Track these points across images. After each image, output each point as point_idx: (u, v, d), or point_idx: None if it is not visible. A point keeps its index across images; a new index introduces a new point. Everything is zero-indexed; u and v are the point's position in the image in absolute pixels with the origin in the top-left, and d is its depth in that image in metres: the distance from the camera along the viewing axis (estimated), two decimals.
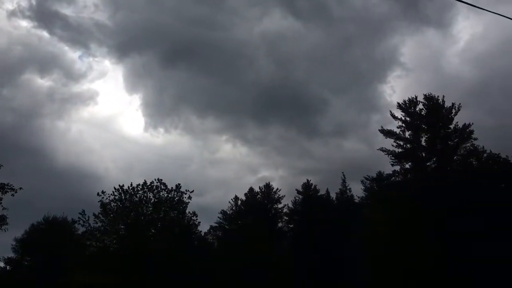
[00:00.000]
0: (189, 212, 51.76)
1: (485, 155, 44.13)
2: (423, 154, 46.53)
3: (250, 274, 49.54)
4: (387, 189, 47.41)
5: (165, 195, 51.16)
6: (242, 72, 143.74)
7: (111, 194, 49.53)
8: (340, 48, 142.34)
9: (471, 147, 43.83)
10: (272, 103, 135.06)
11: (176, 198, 51.23)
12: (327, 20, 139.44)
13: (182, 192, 51.28)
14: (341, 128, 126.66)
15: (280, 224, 67.04)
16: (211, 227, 69.00)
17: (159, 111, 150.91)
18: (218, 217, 68.85)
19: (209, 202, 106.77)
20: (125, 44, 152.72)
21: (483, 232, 35.20)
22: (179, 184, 51.88)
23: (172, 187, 51.46)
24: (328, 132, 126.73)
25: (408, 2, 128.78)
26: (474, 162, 44.00)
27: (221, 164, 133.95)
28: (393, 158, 46.49)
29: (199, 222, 52.07)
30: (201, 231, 55.64)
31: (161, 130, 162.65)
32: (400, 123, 47.12)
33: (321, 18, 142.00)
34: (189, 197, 51.24)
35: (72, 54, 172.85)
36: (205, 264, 50.12)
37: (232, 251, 54.63)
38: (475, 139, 43.98)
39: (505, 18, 7.92)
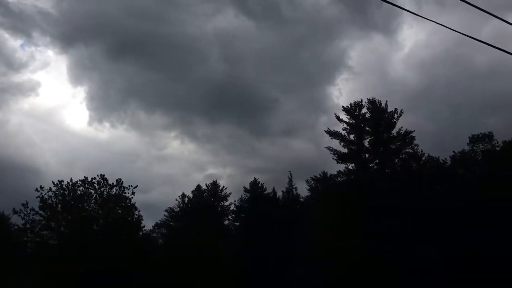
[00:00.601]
0: (135, 208, 50.37)
1: (423, 158, 46.24)
2: (366, 156, 48.12)
3: (196, 271, 49.08)
4: (330, 189, 48.44)
5: (107, 191, 49.50)
6: (192, 68, 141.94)
7: (49, 190, 47.21)
8: (291, 49, 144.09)
9: (411, 151, 45.68)
10: (222, 100, 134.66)
11: (116, 193, 49.51)
12: (278, 21, 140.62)
13: (125, 188, 49.78)
14: (290, 128, 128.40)
15: (226, 222, 67.09)
16: (156, 223, 67.95)
17: (104, 105, 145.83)
18: (165, 215, 68.00)
19: (155, 199, 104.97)
20: (70, 34, 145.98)
21: (418, 232, 36.87)
22: (120, 179, 50.37)
23: (113, 183, 49.79)
24: (276, 132, 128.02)
25: (357, 8, 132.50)
26: (413, 165, 45.92)
27: (169, 161, 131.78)
28: (338, 157, 47.71)
29: (141, 216, 50.83)
30: (144, 227, 54.32)
31: (107, 124, 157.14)
32: (345, 126, 48.49)
33: (273, 18, 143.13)
34: (133, 193, 49.87)
35: (13, 43, 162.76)
36: (149, 263, 49.21)
37: (178, 248, 53.89)
38: (416, 145, 46.01)
39: (446, 28, 8.14)
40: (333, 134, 48.92)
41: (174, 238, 59.45)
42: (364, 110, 48.47)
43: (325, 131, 49.86)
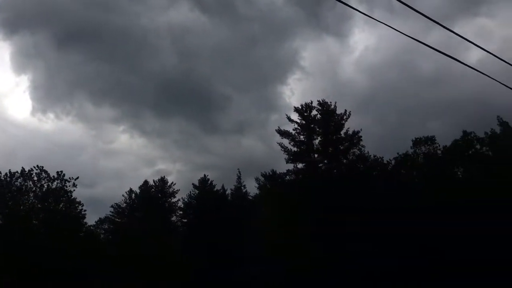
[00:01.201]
0: (77, 203, 48.52)
1: (370, 159, 47.77)
2: (315, 156, 49.02)
3: (141, 268, 47.95)
4: (279, 187, 48.90)
5: (48, 184, 47.41)
6: (144, 61, 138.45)
7: None
8: (245, 46, 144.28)
9: (358, 152, 47.06)
10: (174, 95, 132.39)
11: (57, 186, 47.54)
12: (233, 17, 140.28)
13: (66, 180, 47.85)
14: (241, 126, 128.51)
15: (173, 219, 66.10)
16: (100, 219, 65.78)
17: (49, 95, 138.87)
18: (110, 210, 65.98)
19: (101, 194, 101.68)
20: (14, 20, 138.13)
21: (362, 232, 38.05)
22: (62, 171, 48.39)
23: (53, 176, 47.70)
24: (228, 129, 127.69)
25: (311, 10, 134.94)
26: (360, 166, 47.31)
27: (116, 155, 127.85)
28: (288, 156, 48.26)
29: (85, 210, 49.11)
30: (86, 222, 52.41)
31: (51, 115, 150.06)
32: (296, 126, 49.12)
33: (228, 15, 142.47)
34: (74, 185, 48.04)
35: None
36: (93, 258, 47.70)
37: (122, 244, 52.40)
38: (363, 146, 47.41)
39: (395, 33, 8.33)
40: (283, 134, 49.42)
41: (119, 234, 57.71)
42: (314, 112, 49.37)
43: (276, 130, 50.31)
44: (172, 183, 66.58)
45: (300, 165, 48.88)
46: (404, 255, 36.64)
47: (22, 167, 47.28)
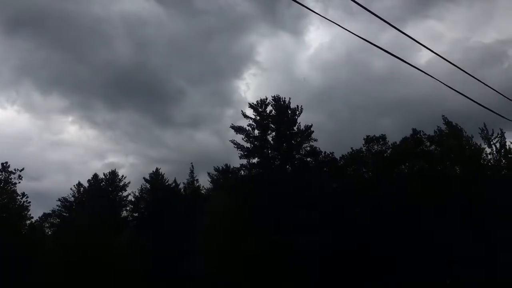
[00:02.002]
0: (19, 195, 46.39)
1: (322, 155, 48.67)
2: (269, 152, 49.39)
3: (90, 264, 46.47)
4: (232, 182, 48.96)
5: None
6: (95, 50, 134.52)
7: None
8: (200, 39, 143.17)
9: (309, 148, 47.84)
10: (127, 86, 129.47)
11: (3, 180, 45.34)
12: (189, 10, 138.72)
13: (11, 172, 45.68)
14: (195, 119, 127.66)
15: (124, 213, 64.73)
16: (44, 214, 63.42)
17: None
18: (57, 204, 63.70)
19: (48, 187, 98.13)
20: None
21: (316, 225, 38.77)
22: (6, 162, 46.14)
23: None
24: (182, 122, 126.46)
25: (268, 7, 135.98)
26: (311, 162, 48.15)
27: (65, 147, 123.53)
28: (242, 152, 48.34)
29: (29, 203, 47.02)
30: (30, 215, 50.13)
31: None
32: (250, 122, 49.31)
33: (184, 7, 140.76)
34: (19, 177, 45.96)
35: None
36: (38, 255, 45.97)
37: (69, 239, 50.59)
38: (315, 140, 48.22)
39: (348, 33, 8.56)
40: (238, 130, 49.35)
41: (66, 229, 55.76)
42: (269, 107, 49.71)
43: (230, 126, 50.21)
44: (122, 176, 65.20)
45: (254, 160, 49.21)
46: (350, 248, 37.74)
47: None
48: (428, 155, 43.90)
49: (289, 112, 49.19)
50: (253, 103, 50.00)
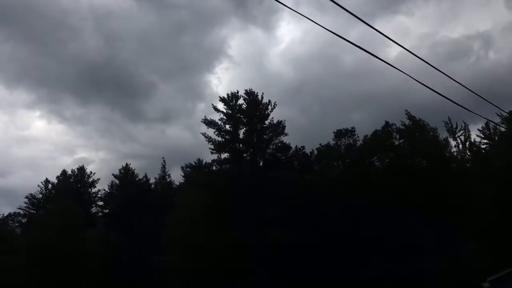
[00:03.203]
0: None
1: (292, 149, 49.02)
2: (241, 146, 49.34)
3: (60, 262, 45.43)
4: (202, 177, 48.76)
5: None
6: (63, 43, 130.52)
7: None
8: (171, 33, 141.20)
9: (279, 143, 48.08)
10: (96, 80, 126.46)
11: None
12: (159, 3, 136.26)
13: None
14: (167, 114, 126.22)
15: (94, 209, 63.59)
16: (13, 213, 61.64)
17: None
18: (25, 202, 62.00)
19: (14, 184, 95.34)
20: None
21: (285, 219, 39.09)
22: None
23: None
24: (153, 117, 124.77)
25: (239, 1, 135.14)
26: (281, 157, 48.42)
27: (32, 143, 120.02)
28: (213, 146, 48.15)
29: None
30: None
31: None
32: (222, 116, 49.08)
33: (155, 0, 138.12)
34: None
35: None
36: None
37: (39, 238, 49.28)
38: (286, 134, 48.49)
39: (319, 28, 8.55)
40: (209, 123, 49.05)
41: (34, 227, 54.33)
42: (240, 101, 49.59)
43: (201, 120, 49.83)
44: (91, 172, 63.91)
45: (225, 155, 49.06)
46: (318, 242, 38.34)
47: None
48: (398, 149, 44.85)
49: (261, 106, 49.21)
50: (224, 97, 49.80)
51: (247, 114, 49.20)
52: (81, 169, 63.12)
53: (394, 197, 37.39)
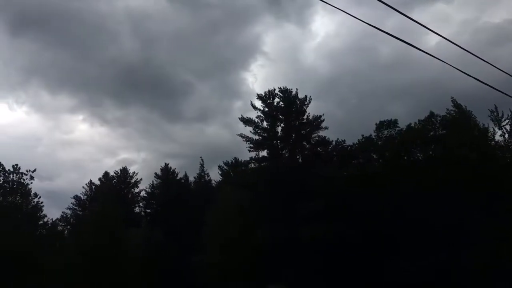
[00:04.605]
0: (31, 196, 46.72)
1: (333, 144, 48.25)
2: (278, 143, 49.16)
3: (104, 262, 46.74)
4: (241, 174, 48.85)
5: (2, 177, 45.44)
6: (102, 47, 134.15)
7: None
8: (206, 32, 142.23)
9: (318, 138, 47.48)
10: (134, 82, 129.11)
11: (16, 181, 45.65)
12: (193, 3, 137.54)
13: (23, 173, 46.02)
14: (204, 113, 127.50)
15: (137, 209, 65.09)
16: (61, 215, 63.87)
17: (2, 85, 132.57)
18: (72, 203, 64.31)
19: (61, 187, 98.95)
20: None
21: (324, 215, 38.52)
22: (17, 164, 46.51)
23: (9, 169, 45.81)
24: (190, 117, 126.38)
25: None
26: (321, 151, 47.80)
27: (76, 146, 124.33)
28: (250, 145, 48.18)
29: (42, 203, 47.33)
30: (45, 216, 50.40)
31: (4, 106, 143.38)
32: (259, 113, 49.04)
33: (188, 0, 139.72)
34: (31, 178, 46.27)
35: None
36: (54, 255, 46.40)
37: (84, 239, 50.92)
38: (326, 128, 47.84)
39: (355, 19, 8.37)
40: (246, 122, 49.09)
41: (78, 228, 56.22)
42: (277, 98, 49.32)
43: (238, 118, 49.97)
44: (134, 173, 65.39)
45: (263, 153, 49.01)
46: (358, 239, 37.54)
47: None
48: (441, 139, 43.09)
49: (298, 102, 48.81)
50: (261, 94, 49.68)
51: (284, 110, 48.94)
52: (124, 170, 64.84)
53: (438, 190, 36.04)
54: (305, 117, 48.30)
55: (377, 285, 35.70)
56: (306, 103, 48.61)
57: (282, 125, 49.10)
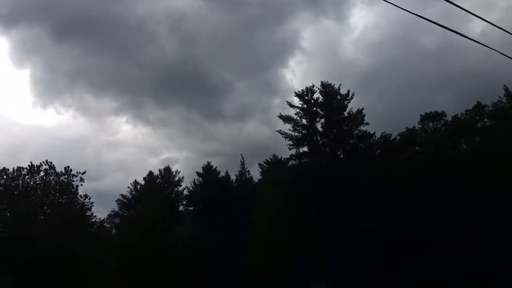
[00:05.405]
0: (80, 196, 48.54)
1: (375, 138, 47.30)
2: (319, 139, 48.73)
3: (150, 259, 48.00)
4: (281, 172, 48.76)
5: (54, 179, 47.44)
6: (142, 49, 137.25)
7: None
8: (243, 30, 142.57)
9: (359, 133, 46.70)
10: (174, 83, 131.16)
11: (66, 183, 47.58)
12: (229, 1, 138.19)
13: (73, 175, 47.87)
14: (243, 111, 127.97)
15: (181, 208, 66.31)
16: (108, 214, 65.92)
17: (49, 90, 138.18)
18: (117, 201, 66.30)
19: (107, 187, 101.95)
20: (11, 14, 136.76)
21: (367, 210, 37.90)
22: (68, 166, 48.39)
23: (61, 171, 47.75)
24: (230, 115, 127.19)
25: None
26: (363, 146, 46.98)
27: (121, 147, 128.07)
28: (290, 142, 47.99)
29: (92, 203, 49.04)
30: (94, 215, 52.13)
31: (52, 110, 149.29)
32: (297, 110, 48.75)
33: None
34: (81, 179, 48.06)
35: None
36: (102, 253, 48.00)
37: (130, 237, 52.46)
38: (367, 123, 47.03)
39: (394, 9, 8.13)
40: (285, 119, 48.91)
41: (125, 226, 57.97)
42: (316, 94, 48.88)
43: (278, 116, 49.91)
44: (176, 171, 66.55)
45: (303, 149, 48.66)
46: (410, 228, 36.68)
47: (31, 162, 47.36)
48: (489, 130, 41.22)
49: (339, 97, 48.21)
50: (299, 92, 49.34)
51: (324, 106, 48.46)
52: (167, 169, 66.26)
53: (486, 183, 34.66)
54: (346, 112, 47.72)
55: (422, 281, 34.76)
56: (348, 98, 47.93)
57: (322, 120, 48.75)
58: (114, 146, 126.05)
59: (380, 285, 36.11)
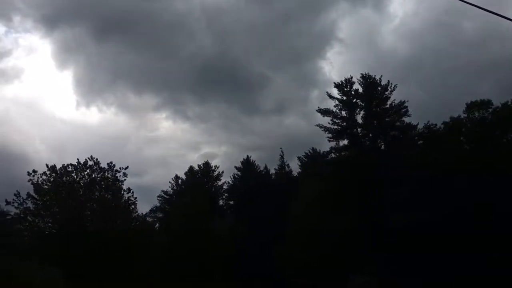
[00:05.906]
0: (124, 191, 49.74)
1: (418, 129, 46.09)
2: (359, 131, 47.98)
3: (191, 254, 48.78)
4: (322, 165, 48.37)
5: (99, 175, 48.81)
6: (180, 45, 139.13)
7: (42, 174, 46.28)
8: (279, 23, 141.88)
9: (401, 124, 45.67)
10: (212, 78, 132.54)
11: (111, 178, 48.91)
12: None
13: (117, 171, 49.11)
14: (281, 105, 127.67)
15: (221, 202, 66.96)
16: (153, 207, 67.36)
17: (91, 89, 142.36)
18: (159, 197, 67.63)
19: (149, 183, 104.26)
20: (53, 16, 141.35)
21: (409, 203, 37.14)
22: (112, 162, 49.66)
23: (104, 167, 49.07)
24: (268, 109, 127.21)
25: None
26: (405, 137, 45.89)
27: (161, 142, 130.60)
28: (329, 135, 47.49)
29: (136, 198, 50.23)
30: (137, 211, 53.42)
31: (94, 108, 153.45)
32: (337, 102, 48.12)
33: None
34: (124, 174, 49.24)
35: None
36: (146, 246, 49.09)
37: (172, 231, 53.50)
38: (409, 115, 45.94)
39: None
40: (324, 112, 48.34)
41: (168, 221, 59.09)
42: (356, 86, 48.10)
43: (316, 110, 49.35)
44: (215, 166, 67.22)
45: (343, 142, 48.08)
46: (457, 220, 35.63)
47: (78, 159, 48.92)
48: None
49: (379, 88, 47.26)
50: (338, 83, 48.67)
51: (364, 98, 47.63)
52: (207, 164, 66.97)
53: None
54: (388, 103, 46.74)
55: (467, 278, 33.61)
56: (389, 89, 46.89)
57: (362, 112, 47.96)
58: (155, 142, 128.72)
59: (424, 282, 35.05)
